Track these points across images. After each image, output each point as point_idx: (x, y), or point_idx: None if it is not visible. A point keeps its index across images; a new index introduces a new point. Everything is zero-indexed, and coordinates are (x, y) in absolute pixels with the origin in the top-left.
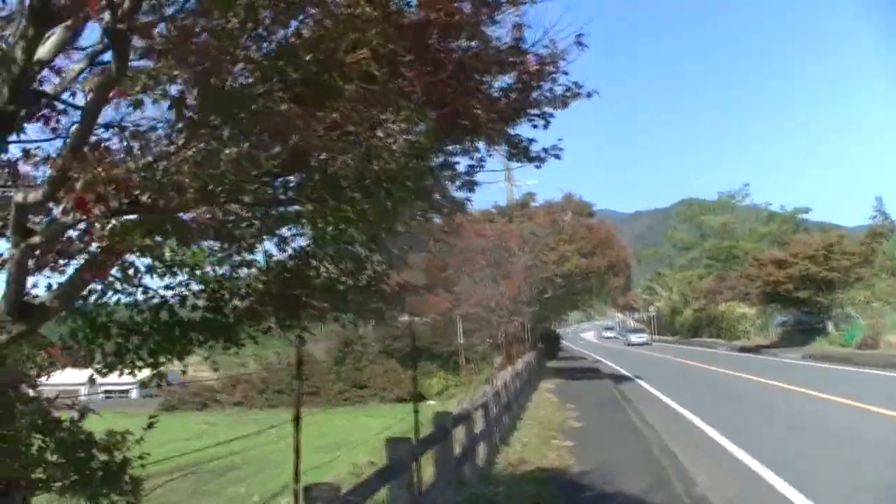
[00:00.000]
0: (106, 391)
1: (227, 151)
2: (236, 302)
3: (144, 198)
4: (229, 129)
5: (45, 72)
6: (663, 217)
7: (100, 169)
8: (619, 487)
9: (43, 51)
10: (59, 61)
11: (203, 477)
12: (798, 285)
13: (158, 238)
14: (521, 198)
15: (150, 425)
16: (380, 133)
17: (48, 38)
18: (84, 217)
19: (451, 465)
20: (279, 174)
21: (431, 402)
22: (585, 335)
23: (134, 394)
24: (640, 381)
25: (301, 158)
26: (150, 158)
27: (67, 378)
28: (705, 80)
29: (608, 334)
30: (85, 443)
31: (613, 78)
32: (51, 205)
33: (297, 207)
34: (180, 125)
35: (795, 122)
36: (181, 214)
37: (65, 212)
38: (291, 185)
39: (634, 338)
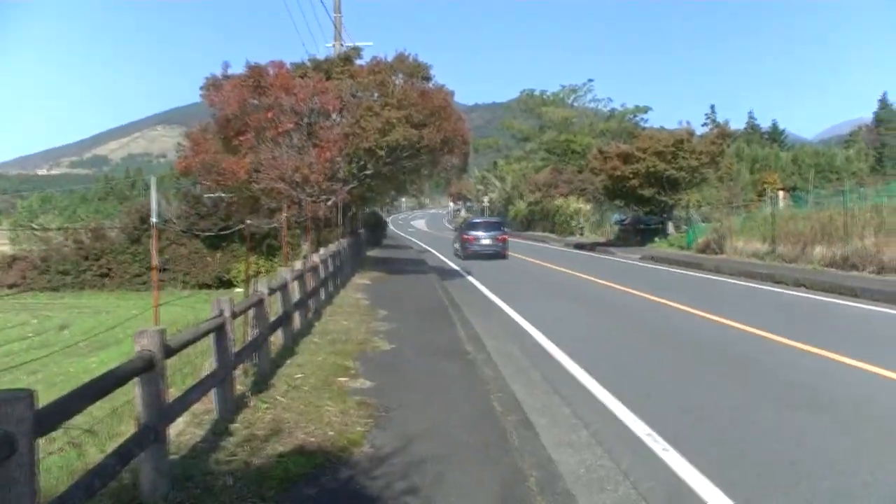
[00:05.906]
0: None
1: None
2: None
3: None
4: None
5: None
6: (502, 110)
7: None
8: None
9: None
10: None
11: None
12: (643, 182)
13: None
14: (343, 52)
15: None
16: None
17: None
18: None
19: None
20: None
21: (239, 290)
22: (416, 223)
23: None
24: (470, 279)
25: None
26: None
27: None
28: None
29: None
30: None
31: None
32: None
33: None
34: None
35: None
36: None
37: None
38: None
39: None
